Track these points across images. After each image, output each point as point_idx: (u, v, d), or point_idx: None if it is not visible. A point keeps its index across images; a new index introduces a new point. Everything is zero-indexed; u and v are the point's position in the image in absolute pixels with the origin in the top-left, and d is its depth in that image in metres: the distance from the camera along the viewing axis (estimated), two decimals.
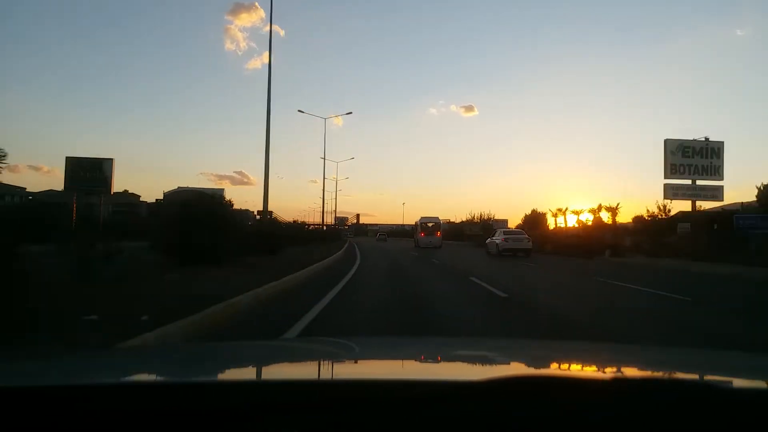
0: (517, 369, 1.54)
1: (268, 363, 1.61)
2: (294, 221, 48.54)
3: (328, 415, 0.89)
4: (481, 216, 65.90)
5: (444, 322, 7.16)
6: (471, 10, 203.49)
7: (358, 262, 20.67)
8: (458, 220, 78.18)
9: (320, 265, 16.01)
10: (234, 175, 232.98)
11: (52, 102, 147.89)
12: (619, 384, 1.01)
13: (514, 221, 59.26)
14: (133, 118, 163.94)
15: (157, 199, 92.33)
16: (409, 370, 1.57)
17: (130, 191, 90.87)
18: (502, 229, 31.58)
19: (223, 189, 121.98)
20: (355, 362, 1.72)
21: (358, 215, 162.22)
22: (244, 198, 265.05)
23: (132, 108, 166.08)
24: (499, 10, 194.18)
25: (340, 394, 0.98)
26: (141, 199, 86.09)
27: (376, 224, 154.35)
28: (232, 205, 16.67)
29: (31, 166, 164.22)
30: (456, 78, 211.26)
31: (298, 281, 11.43)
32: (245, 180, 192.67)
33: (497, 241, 28.24)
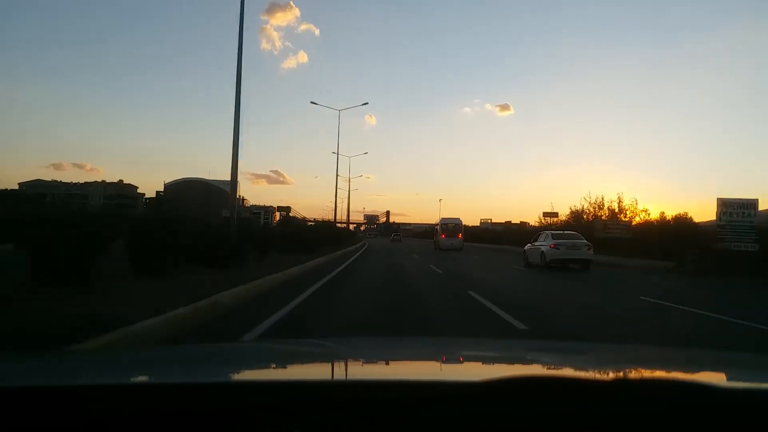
0: (517, 369, 1.58)
1: (268, 364, 1.62)
2: (314, 219, 48.43)
3: (328, 415, 0.89)
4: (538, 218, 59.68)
5: None
6: (506, 8, 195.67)
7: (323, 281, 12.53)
8: (485, 222, 72.16)
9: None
10: (270, 174, 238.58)
11: (96, 100, 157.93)
12: (619, 384, 1.02)
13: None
14: (172, 117, 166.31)
15: (157, 192, 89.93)
16: (410, 371, 1.62)
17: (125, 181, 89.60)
18: (550, 231, 22.27)
19: (236, 183, 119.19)
20: (356, 363, 1.70)
21: (387, 212, 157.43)
22: (279, 197, 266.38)
23: (171, 107, 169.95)
24: (536, 8, 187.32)
25: (341, 395, 0.99)
26: (139, 190, 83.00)
27: (410, 223, 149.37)
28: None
29: (75, 164, 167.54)
30: (491, 77, 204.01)
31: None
32: (281, 179, 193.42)
33: (543, 248, 19.98)
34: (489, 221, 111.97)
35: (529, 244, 22.32)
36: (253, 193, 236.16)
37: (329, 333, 6.29)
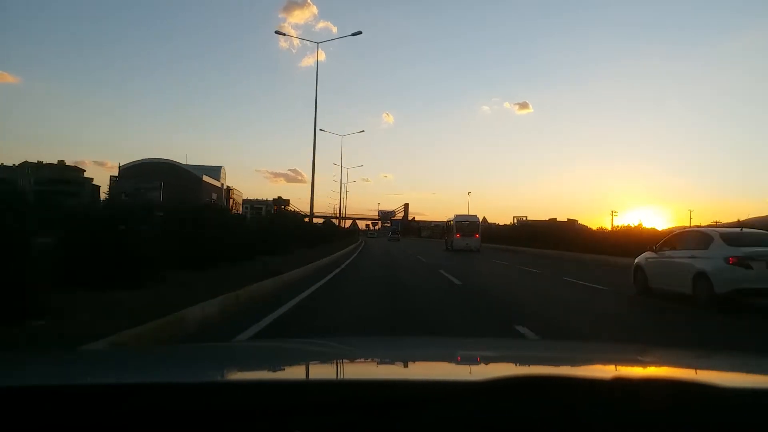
0: (517, 369, 1.59)
1: (267, 363, 1.61)
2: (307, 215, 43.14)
3: (329, 415, 0.88)
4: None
5: None
6: (524, 5, 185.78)
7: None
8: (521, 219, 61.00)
9: None
10: (288, 172, 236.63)
11: (121, 101, 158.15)
12: (620, 384, 0.98)
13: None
14: (193, 117, 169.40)
15: (111, 176, 76.58)
16: (410, 371, 1.58)
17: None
18: (727, 230, 11.32)
19: (220, 168, 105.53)
20: (355, 362, 1.71)
21: (406, 206, 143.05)
22: (297, 195, 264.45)
23: (193, 107, 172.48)
24: (553, 5, 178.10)
25: (341, 395, 0.98)
26: (87, 174, 69.86)
27: (430, 221, 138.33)
28: None
29: (96, 162, 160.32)
30: (509, 75, 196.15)
31: None
32: (299, 178, 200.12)
33: (703, 263, 9.22)
34: (524, 218, 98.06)
35: (649, 254, 11.32)
36: (271, 191, 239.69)
37: None
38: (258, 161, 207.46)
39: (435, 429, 0.87)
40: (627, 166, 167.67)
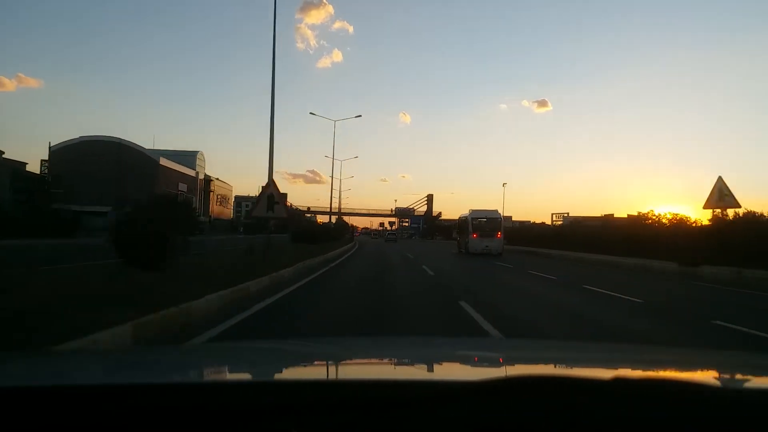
0: (517, 369, 1.57)
1: (266, 364, 1.57)
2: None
3: (327, 416, 0.88)
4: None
5: None
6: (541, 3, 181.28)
7: None
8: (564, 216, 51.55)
9: None
10: (307, 173, 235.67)
11: (145, 98, 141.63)
12: (619, 384, 0.99)
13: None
14: (215, 117, 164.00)
15: (42, 160, 59.99)
16: (410, 371, 1.57)
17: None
18: None
19: (195, 154, 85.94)
20: (354, 362, 1.69)
21: (429, 197, 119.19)
22: (316, 196, 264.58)
23: (215, 106, 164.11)
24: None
25: (339, 395, 0.98)
26: (5, 156, 52.19)
27: (450, 220, 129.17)
28: None
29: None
30: (528, 73, 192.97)
31: None
32: (317, 179, 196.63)
33: None
34: (565, 215, 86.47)
35: None
36: (290, 192, 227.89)
37: None
38: (277, 162, 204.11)
39: (435, 429, 0.86)
40: (653, 162, 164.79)
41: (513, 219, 73.58)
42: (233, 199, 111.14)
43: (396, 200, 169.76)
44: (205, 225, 53.68)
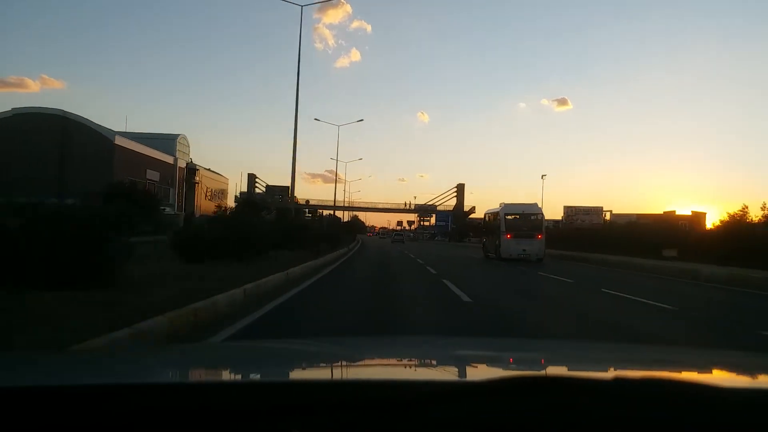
0: (517, 369, 1.57)
1: (267, 364, 1.57)
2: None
3: (328, 416, 0.88)
4: None
5: None
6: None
7: None
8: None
9: None
10: (325, 173, 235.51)
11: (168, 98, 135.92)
12: (620, 384, 0.98)
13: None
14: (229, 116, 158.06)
15: None
16: (410, 371, 1.58)
17: None
18: None
19: (175, 138, 66.42)
20: (354, 362, 1.69)
21: (459, 186, 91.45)
22: (334, 196, 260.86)
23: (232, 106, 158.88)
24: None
25: (340, 395, 0.98)
26: None
27: (475, 219, 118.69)
28: None
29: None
30: (547, 71, 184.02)
31: None
32: (336, 178, 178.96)
33: None
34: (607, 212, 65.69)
35: None
36: (308, 192, 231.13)
37: None
38: (299, 162, 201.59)
39: (435, 429, 0.86)
40: (680, 161, 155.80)
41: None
42: (238, 195, 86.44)
43: (415, 197, 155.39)
44: (175, 220, 39.96)
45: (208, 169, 75.82)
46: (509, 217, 23.95)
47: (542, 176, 65.33)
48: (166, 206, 52.04)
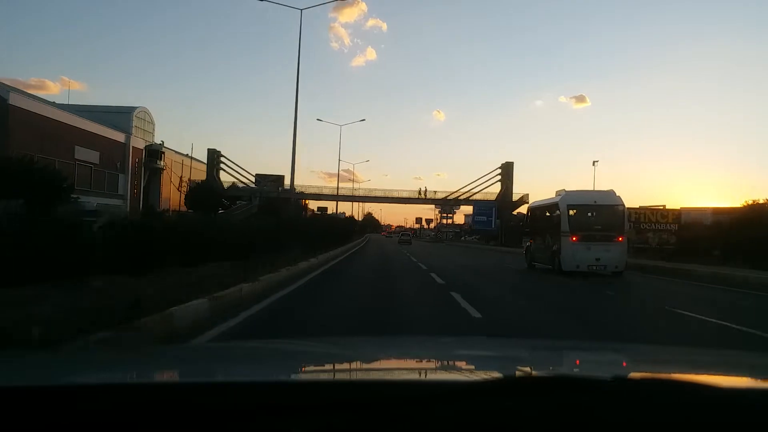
0: (517, 369, 1.56)
1: (267, 364, 1.58)
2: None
3: (328, 416, 0.88)
4: None
5: None
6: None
7: None
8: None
9: None
10: (342, 173, 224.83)
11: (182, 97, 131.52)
12: (620, 384, 1.01)
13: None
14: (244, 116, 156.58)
15: None
16: (410, 371, 1.58)
17: None
18: None
19: (131, 111, 52.28)
20: (355, 362, 1.69)
21: (505, 165, 61.73)
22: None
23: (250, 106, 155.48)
24: None
25: (341, 395, 0.98)
26: None
27: (521, 214, 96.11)
28: None
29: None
30: (564, 68, 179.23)
31: None
32: (350, 178, 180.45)
33: None
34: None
35: None
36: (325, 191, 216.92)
37: None
38: (313, 162, 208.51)
39: (435, 429, 0.87)
40: (697, 158, 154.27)
41: None
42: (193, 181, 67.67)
43: (435, 192, 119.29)
44: (117, 213, 26.62)
45: (186, 155, 60.80)
46: (575, 209, 16.30)
47: (593, 162, 47.48)
48: (113, 196, 44.28)
